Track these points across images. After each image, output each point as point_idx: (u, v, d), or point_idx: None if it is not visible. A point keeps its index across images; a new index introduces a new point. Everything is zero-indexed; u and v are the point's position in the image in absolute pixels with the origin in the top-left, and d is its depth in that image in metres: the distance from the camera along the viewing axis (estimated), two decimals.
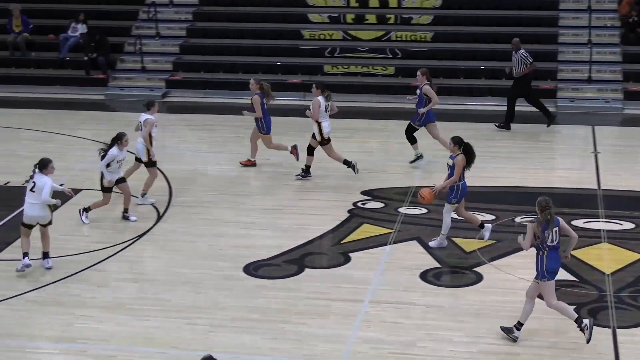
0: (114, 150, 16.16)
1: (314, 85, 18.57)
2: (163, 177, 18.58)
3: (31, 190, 14.30)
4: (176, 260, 15.05)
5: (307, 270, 14.61)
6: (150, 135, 17.22)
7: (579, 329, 12.04)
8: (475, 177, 16.03)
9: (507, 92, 21.97)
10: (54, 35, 26.50)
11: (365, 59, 25.28)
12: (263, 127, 18.89)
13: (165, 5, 27.21)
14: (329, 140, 18.25)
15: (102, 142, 20.11)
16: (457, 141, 14.93)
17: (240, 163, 19.26)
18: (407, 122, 19.26)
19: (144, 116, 17.45)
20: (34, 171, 14.46)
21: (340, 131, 19.76)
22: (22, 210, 14.56)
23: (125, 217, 16.61)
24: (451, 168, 14.91)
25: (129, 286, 14.13)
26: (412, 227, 15.78)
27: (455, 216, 15.27)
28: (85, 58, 25.65)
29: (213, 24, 26.97)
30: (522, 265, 14.22)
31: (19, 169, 17.39)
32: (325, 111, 18.13)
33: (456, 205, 15.05)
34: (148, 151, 17.22)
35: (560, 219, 12.07)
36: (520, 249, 12.33)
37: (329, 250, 15.37)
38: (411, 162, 19.07)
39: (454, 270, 14.54)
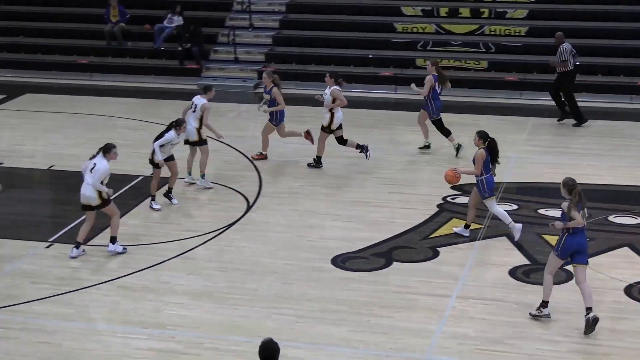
0: (171, 134, 16.46)
1: (327, 75, 18.85)
2: (253, 167, 18.72)
3: (90, 170, 14.61)
4: (264, 249, 15.14)
5: (394, 263, 14.57)
6: (201, 118, 17.55)
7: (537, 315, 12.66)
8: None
9: (595, 88, 21.49)
10: (149, 25, 26.86)
11: (458, 52, 25.09)
12: (276, 119, 19.10)
13: None
14: (332, 131, 18.58)
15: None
16: (482, 135, 14.95)
17: (252, 157, 19.35)
18: (500, 117, 19.05)
19: (199, 100, 17.71)
20: (97, 153, 14.76)
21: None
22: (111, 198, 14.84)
23: (167, 197, 16.94)
24: (474, 162, 14.98)
25: (218, 275, 14.27)
26: (502, 223, 15.61)
27: (535, 212, 15.08)
28: (180, 48, 25.95)
29: (306, 16, 27.04)
30: (613, 264, 13.98)
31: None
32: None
33: (493, 197, 15.08)
34: (198, 131, 17.54)
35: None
36: (613, 248, 12.12)
37: (417, 244, 15.30)
38: (456, 155, 19.09)
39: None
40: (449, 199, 17.07)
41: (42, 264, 14.56)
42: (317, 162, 18.78)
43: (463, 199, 16.87)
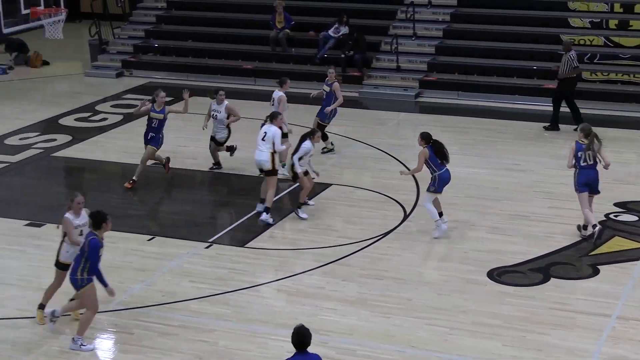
0: (307, 144, 16.48)
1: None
2: (411, 176, 18.67)
3: (262, 139, 16.29)
4: (420, 259, 15.07)
5: (552, 279, 14.27)
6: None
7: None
8: None
9: None
10: (314, 32, 27.12)
11: (627, 66, 24.39)
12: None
13: (423, 6, 27.29)
14: None
15: (353, 139, 20.50)
16: (425, 137, 15.93)
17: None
18: None
19: (277, 93, 18.82)
20: (264, 122, 16.29)
21: None
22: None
23: (302, 205, 16.95)
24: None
25: (373, 282, 14.26)
26: None
27: None
28: (342, 56, 26.11)
29: (470, 26, 26.79)
30: None
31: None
32: None
33: (435, 194, 15.86)
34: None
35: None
36: None
37: (577, 261, 14.94)
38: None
39: None
40: (611, 216, 16.61)
41: (201, 264, 14.88)
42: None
43: (627, 217, 16.42)
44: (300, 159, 16.54)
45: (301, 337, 9.52)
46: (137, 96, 24.98)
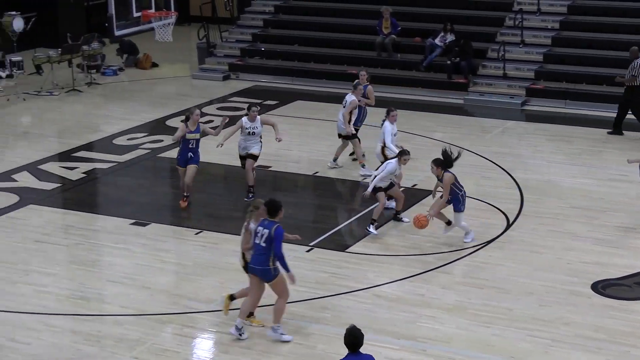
0: (393, 165, 16.23)
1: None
2: (515, 185, 18.46)
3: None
4: (522, 269, 14.87)
5: None
6: (350, 113, 19.05)
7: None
8: None
9: None
10: (420, 38, 27.02)
11: None
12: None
13: (532, 13, 26.97)
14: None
15: (457, 146, 20.36)
16: (439, 163, 15.55)
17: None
18: None
19: (349, 96, 19.19)
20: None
21: None
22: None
23: (397, 219, 16.76)
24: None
25: (473, 291, 14.13)
26: None
27: None
28: (448, 62, 25.96)
29: (580, 34, 26.36)
30: None
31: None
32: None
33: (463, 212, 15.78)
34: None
35: None
36: None
37: None
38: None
39: None
40: None
41: (301, 267, 14.93)
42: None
43: None
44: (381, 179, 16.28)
45: (353, 338, 9.53)
46: (243, 99, 25.26)
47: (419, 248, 15.71)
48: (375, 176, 16.23)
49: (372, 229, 16.14)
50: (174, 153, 20.81)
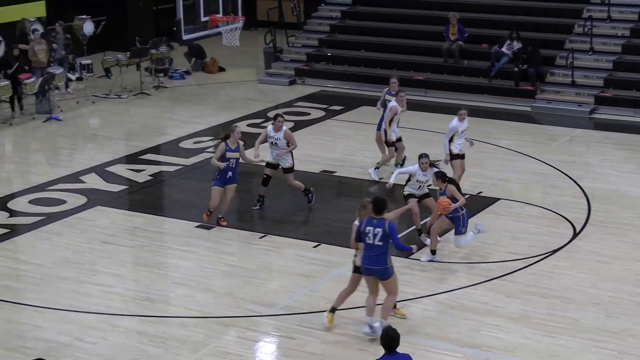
0: (414, 166, 15.95)
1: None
2: (582, 194, 18.25)
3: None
4: (589, 279, 14.69)
5: None
6: (391, 120, 19.05)
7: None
8: None
9: None
10: (487, 44, 26.83)
11: None
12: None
13: (602, 20, 26.65)
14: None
15: (523, 154, 20.22)
16: (440, 176, 15.32)
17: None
18: None
19: (392, 102, 19.26)
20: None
21: None
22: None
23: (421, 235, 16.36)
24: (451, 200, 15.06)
25: (538, 300, 13.99)
26: None
27: None
28: (516, 69, 25.75)
29: None
30: None
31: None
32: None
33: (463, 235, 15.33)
34: (385, 133, 19.06)
35: None
36: None
37: None
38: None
39: None
40: None
41: None
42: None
43: None
44: (408, 180, 16.13)
45: (389, 339, 9.57)
46: (309, 104, 25.32)
47: (483, 256, 15.59)
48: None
49: (423, 238, 16.11)
50: None
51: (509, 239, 16.34)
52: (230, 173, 16.88)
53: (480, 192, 18.43)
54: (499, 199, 18.02)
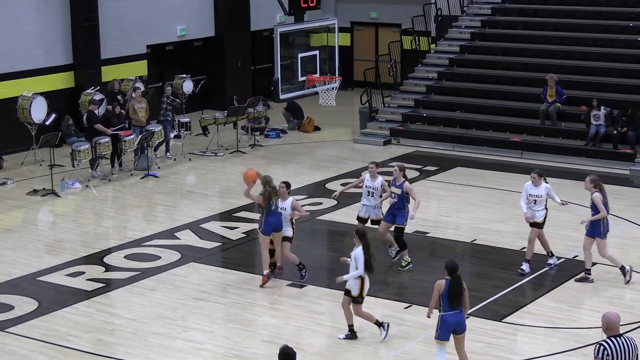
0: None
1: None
2: None
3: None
4: None
5: None
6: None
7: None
8: None
9: None
10: (585, 107, 26.50)
11: None
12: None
13: None
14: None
15: (622, 218, 19.84)
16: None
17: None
18: None
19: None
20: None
21: None
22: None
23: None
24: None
25: None
26: None
27: None
28: (615, 132, 25.39)
29: None
30: None
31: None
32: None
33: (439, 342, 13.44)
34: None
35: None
36: None
37: None
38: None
39: None
40: None
41: None
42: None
43: None
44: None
45: (287, 356, 10.07)
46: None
47: (577, 321, 15.26)
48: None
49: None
50: (333, 216, 21.03)
51: (605, 305, 15.94)
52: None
53: (576, 256, 18.10)
54: (595, 264, 17.65)
